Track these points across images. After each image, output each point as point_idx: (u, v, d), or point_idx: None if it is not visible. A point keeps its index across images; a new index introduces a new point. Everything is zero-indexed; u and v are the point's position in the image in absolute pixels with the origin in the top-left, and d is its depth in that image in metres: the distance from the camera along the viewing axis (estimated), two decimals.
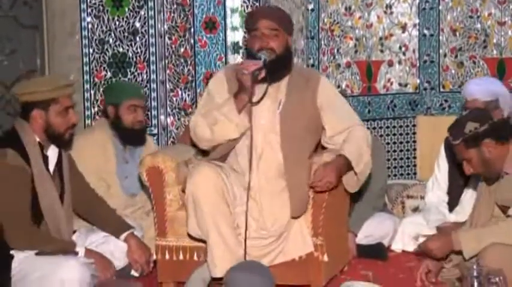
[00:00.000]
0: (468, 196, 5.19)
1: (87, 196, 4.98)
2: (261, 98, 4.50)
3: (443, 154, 5.41)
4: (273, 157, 4.54)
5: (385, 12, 6.77)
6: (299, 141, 4.56)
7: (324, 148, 4.73)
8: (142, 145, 5.39)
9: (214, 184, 4.34)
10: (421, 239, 4.74)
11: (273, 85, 4.56)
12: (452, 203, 5.33)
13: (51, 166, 4.73)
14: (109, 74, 6.18)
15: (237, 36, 6.08)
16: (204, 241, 4.46)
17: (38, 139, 4.64)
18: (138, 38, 6.18)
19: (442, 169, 5.41)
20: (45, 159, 4.69)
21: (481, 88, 5.15)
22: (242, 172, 4.55)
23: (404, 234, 5.37)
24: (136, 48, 6.18)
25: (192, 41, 6.10)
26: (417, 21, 6.79)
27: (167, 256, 4.71)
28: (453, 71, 6.79)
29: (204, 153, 4.77)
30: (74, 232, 4.93)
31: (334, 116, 4.64)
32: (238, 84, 4.47)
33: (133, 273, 4.95)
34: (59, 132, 4.65)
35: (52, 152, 4.73)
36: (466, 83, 5.70)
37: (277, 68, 4.52)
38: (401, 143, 6.79)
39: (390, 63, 6.81)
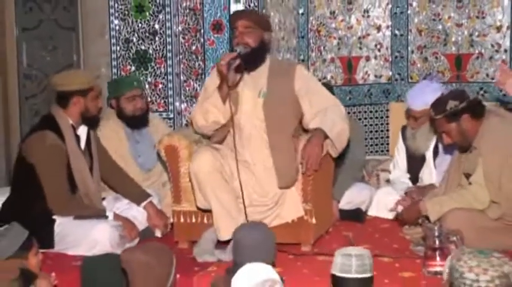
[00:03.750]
0: (426, 173, 5.18)
1: (110, 167, 5.01)
2: (237, 83, 4.46)
3: (401, 141, 5.40)
4: (261, 138, 4.52)
5: (363, 16, 6.73)
6: (282, 124, 4.51)
7: (305, 131, 4.65)
8: (146, 127, 5.32)
9: (211, 166, 4.34)
10: (393, 206, 4.77)
11: (252, 75, 4.52)
12: (413, 179, 5.32)
13: (82, 144, 4.76)
14: (133, 68, 6.18)
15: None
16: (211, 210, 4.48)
17: (70, 122, 4.66)
18: (157, 38, 6.16)
19: (401, 153, 5.40)
20: (77, 138, 4.71)
21: (414, 101, 5.13)
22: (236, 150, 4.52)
23: (379, 201, 5.35)
24: (156, 46, 6.16)
25: (202, 40, 6.07)
26: (390, 23, 6.76)
27: (182, 219, 4.70)
28: (419, 65, 6.77)
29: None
30: (103, 199, 4.94)
31: (310, 101, 4.55)
32: (219, 77, 4.44)
33: (157, 234, 4.96)
34: (93, 114, 4.74)
35: (82, 132, 4.77)
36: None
37: (252, 58, 4.46)
38: (376, 125, 6.77)
39: (367, 59, 6.78)
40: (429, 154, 5.18)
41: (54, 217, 4.59)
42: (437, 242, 3.94)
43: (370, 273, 3.31)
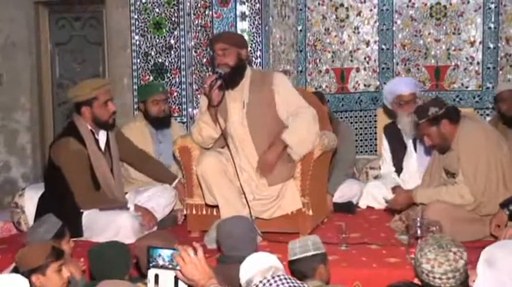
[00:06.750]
0: (409, 161, 5.22)
1: (138, 154, 5.01)
2: (220, 102, 4.39)
3: (384, 139, 5.44)
4: (249, 143, 4.47)
5: (354, 32, 6.70)
6: (264, 128, 4.45)
7: None
8: (168, 128, 5.31)
9: (215, 168, 4.33)
10: (389, 197, 4.74)
11: (236, 89, 4.45)
12: (398, 169, 5.33)
13: (102, 146, 4.71)
14: (151, 78, 6.18)
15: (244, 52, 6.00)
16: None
17: (89, 127, 4.61)
18: (172, 51, 6.14)
19: (386, 149, 5.43)
20: (97, 142, 4.66)
21: (400, 87, 5.21)
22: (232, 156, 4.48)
23: (368, 195, 5.35)
24: (171, 59, 6.14)
25: (211, 53, 6.03)
26: (377, 38, 6.73)
27: (194, 212, 4.68)
28: (403, 76, 6.73)
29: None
30: (126, 193, 4.91)
31: (285, 105, 4.45)
32: (207, 99, 4.41)
33: (180, 216, 5.00)
34: (103, 120, 4.66)
35: (101, 136, 4.74)
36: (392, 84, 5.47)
37: (232, 77, 4.40)
38: (365, 128, 6.75)
39: (358, 70, 6.75)
40: (410, 143, 5.21)
41: (81, 210, 4.56)
42: (419, 231, 3.93)
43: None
